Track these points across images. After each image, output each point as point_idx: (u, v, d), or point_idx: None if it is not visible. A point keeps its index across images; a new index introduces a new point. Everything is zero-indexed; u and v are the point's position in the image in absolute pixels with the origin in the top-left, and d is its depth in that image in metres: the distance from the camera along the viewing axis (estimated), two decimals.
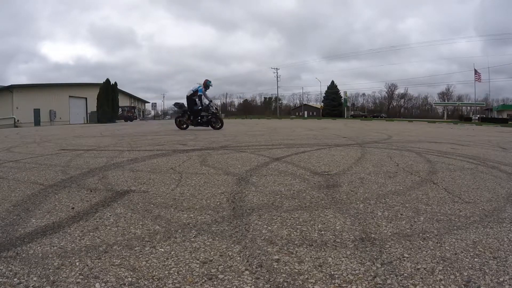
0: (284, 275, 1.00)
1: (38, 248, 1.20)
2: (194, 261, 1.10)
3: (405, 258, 1.11)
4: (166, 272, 1.03)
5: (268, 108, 72.12)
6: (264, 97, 77.24)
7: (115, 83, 28.81)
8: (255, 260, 1.10)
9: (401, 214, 1.58)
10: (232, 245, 1.22)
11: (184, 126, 9.85)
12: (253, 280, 0.97)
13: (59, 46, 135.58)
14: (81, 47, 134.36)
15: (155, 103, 54.96)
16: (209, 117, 9.62)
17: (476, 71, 37.78)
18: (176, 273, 1.02)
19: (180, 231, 1.37)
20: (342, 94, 55.75)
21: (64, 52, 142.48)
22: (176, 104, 10.57)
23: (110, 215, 1.57)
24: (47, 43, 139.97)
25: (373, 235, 1.31)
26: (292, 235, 1.32)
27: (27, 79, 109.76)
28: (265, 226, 1.42)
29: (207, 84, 9.77)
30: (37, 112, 27.90)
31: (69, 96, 31.51)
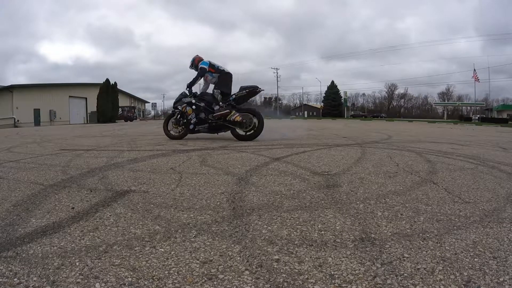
0: (284, 275, 1.00)
1: (38, 248, 1.20)
2: (194, 261, 1.10)
3: (405, 258, 1.11)
4: (166, 272, 1.03)
5: (268, 108, 72.11)
6: (264, 97, 77.31)
7: (115, 83, 28.86)
8: (255, 260, 1.10)
9: (401, 214, 1.58)
10: (232, 245, 1.22)
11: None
12: (253, 280, 0.97)
13: (57, 46, 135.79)
14: (80, 47, 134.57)
15: (155, 103, 54.82)
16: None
17: (474, 71, 37.80)
18: (176, 273, 1.02)
19: (180, 231, 1.37)
20: (342, 94, 55.80)
21: (63, 52, 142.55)
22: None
23: (110, 215, 1.57)
24: (46, 43, 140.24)
25: (373, 235, 1.31)
26: (292, 235, 1.32)
27: (26, 80, 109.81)
28: (265, 226, 1.42)
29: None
30: (37, 112, 27.93)
31: (69, 96, 31.54)
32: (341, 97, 55.41)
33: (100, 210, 1.65)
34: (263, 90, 5.82)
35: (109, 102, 27.25)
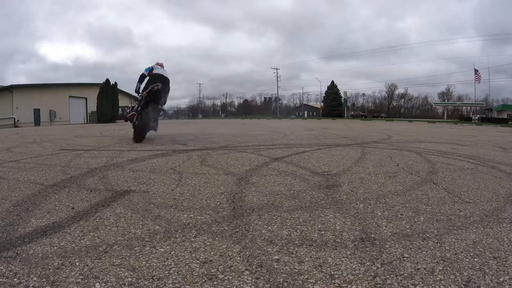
0: (284, 275, 1.00)
1: (38, 248, 1.20)
2: (194, 261, 1.10)
3: (405, 258, 1.11)
4: (166, 272, 1.03)
5: (268, 108, 72.17)
6: (264, 97, 77.34)
7: (115, 83, 28.82)
8: (255, 260, 1.10)
9: (401, 214, 1.58)
10: (232, 245, 1.22)
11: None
12: (253, 280, 0.97)
13: (57, 46, 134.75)
14: (79, 47, 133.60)
15: None
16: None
17: (476, 71, 37.77)
18: (176, 273, 1.02)
19: (180, 231, 1.37)
20: (342, 94, 55.75)
21: (62, 52, 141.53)
22: None
23: (110, 215, 1.57)
24: (45, 43, 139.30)
25: (373, 235, 1.31)
26: (292, 235, 1.32)
27: (25, 80, 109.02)
28: (265, 226, 1.42)
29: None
30: (37, 112, 27.90)
31: (69, 96, 31.50)
32: (341, 97, 55.33)
33: (100, 210, 1.65)
34: (158, 87, 5.22)
35: (109, 102, 27.23)
